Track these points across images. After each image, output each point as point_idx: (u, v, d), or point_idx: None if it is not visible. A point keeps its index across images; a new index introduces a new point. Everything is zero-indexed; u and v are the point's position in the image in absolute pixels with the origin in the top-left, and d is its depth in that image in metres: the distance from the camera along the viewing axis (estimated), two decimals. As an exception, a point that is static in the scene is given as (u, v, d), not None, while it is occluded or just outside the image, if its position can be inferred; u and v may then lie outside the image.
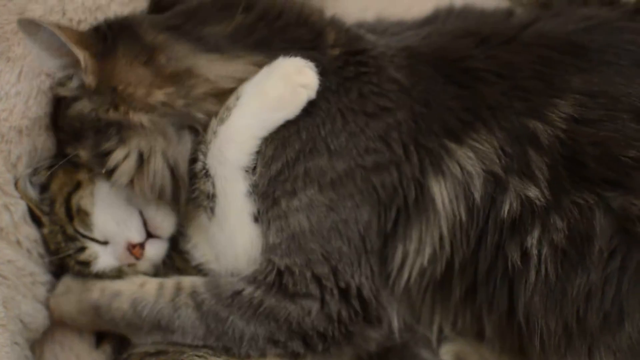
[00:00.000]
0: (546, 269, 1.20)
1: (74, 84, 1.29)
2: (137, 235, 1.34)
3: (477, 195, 1.23)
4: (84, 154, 1.30)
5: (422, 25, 1.41)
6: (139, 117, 1.25)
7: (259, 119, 1.25)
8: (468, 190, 1.23)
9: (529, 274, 1.21)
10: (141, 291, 1.30)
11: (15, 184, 1.37)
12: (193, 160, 1.29)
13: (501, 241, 1.22)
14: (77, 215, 1.35)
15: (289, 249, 1.25)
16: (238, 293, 1.26)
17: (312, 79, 1.24)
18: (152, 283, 1.31)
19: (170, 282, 1.31)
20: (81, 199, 1.35)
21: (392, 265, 1.27)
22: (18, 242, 1.37)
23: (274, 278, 1.25)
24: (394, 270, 1.28)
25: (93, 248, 1.36)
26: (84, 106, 1.28)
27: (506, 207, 1.22)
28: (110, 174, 1.28)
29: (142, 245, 1.34)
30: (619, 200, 1.18)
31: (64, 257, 1.37)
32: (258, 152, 1.26)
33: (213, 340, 1.27)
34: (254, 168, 1.26)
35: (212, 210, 1.30)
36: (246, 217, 1.27)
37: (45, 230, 1.39)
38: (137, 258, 1.34)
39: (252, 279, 1.27)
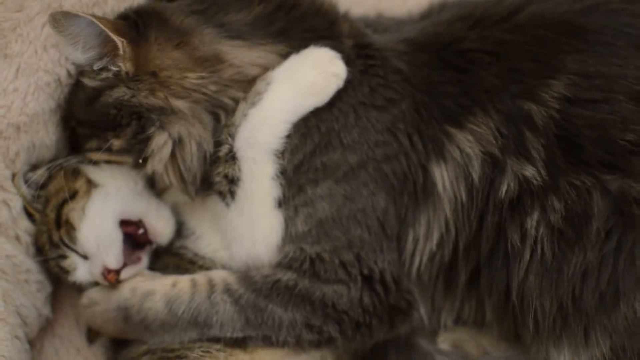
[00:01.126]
0: (542, 248, 1.21)
1: (105, 74, 1.29)
2: (114, 262, 1.34)
3: (475, 176, 1.25)
4: (118, 142, 1.30)
5: (419, 20, 1.43)
6: (178, 103, 1.27)
7: (292, 104, 1.28)
8: (467, 171, 1.25)
9: (524, 253, 1.22)
10: (175, 290, 1.31)
11: (12, 179, 1.38)
12: (219, 143, 1.30)
13: (501, 222, 1.24)
14: (64, 225, 1.36)
15: (318, 236, 1.27)
16: (277, 281, 1.28)
17: (342, 68, 1.28)
18: (185, 281, 1.32)
19: (201, 278, 1.32)
20: (71, 211, 1.35)
21: (405, 251, 1.29)
22: (17, 238, 1.38)
23: (308, 265, 1.27)
24: (406, 256, 1.30)
25: (73, 259, 1.37)
26: (122, 93, 1.28)
27: (504, 188, 1.23)
28: (144, 162, 1.29)
29: (117, 272, 1.34)
30: (617, 183, 1.19)
31: (47, 258, 1.38)
32: (288, 137, 1.28)
33: (252, 330, 1.29)
34: (282, 152, 1.28)
35: (233, 194, 1.31)
36: (270, 201, 1.29)
37: (35, 229, 1.40)
38: (111, 283, 1.34)
39: (288, 266, 1.28)
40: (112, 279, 1.33)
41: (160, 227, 1.37)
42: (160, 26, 1.29)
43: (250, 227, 1.31)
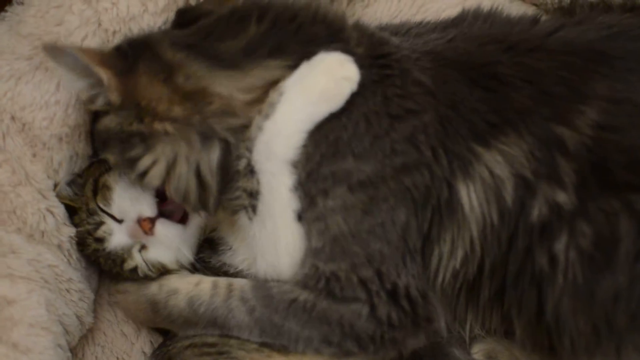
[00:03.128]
0: (574, 273, 1.21)
1: (100, 101, 1.32)
2: (147, 209, 1.38)
3: (509, 199, 1.23)
4: (112, 160, 1.35)
5: (447, 27, 1.40)
6: (164, 126, 1.28)
7: (305, 112, 1.27)
8: (499, 194, 1.24)
9: (557, 277, 1.22)
10: (197, 289, 1.34)
11: (54, 188, 1.42)
12: (237, 157, 1.30)
13: (531, 245, 1.23)
14: (100, 190, 1.40)
15: (333, 253, 1.26)
16: (294, 301, 1.28)
17: (354, 71, 1.26)
18: (207, 282, 1.35)
19: (223, 282, 1.34)
20: (108, 177, 1.40)
21: (430, 267, 1.28)
22: (59, 246, 1.41)
23: (324, 284, 1.27)
24: (431, 272, 1.29)
25: (109, 224, 1.40)
26: (110, 120, 1.31)
27: (535, 212, 1.22)
28: (141, 177, 1.31)
29: (152, 221, 1.38)
30: None
31: (84, 235, 1.41)
32: (304, 147, 1.27)
33: (269, 339, 1.30)
34: (299, 163, 1.27)
35: (255, 208, 1.31)
36: (290, 214, 1.28)
37: (77, 218, 1.44)
38: (146, 232, 1.37)
39: (304, 285, 1.28)
40: (147, 226, 1.37)
41: None
42: (150, 58, 1.30)
43: (273, 241, 1.31)
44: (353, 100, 1.27)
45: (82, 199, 1.43)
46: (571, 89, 1.24)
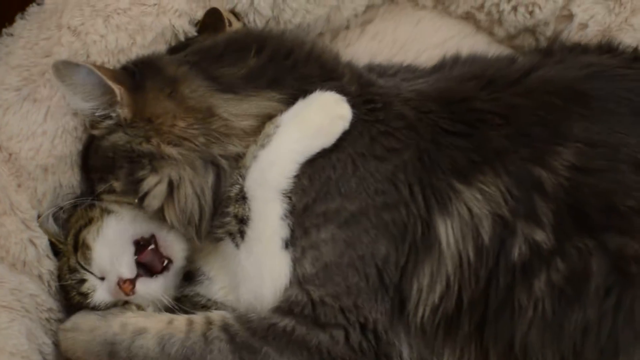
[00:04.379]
0: (543, 305, 1.24)
1: (108, 122, 1.34)
2: (126, 271, 1.36)
3: (486, 237, 1.26)
4: (117, 184, 1.34)
5: (431, 73, 1.45)
6: (170, 150, 1.31)
7: (301, 145, 1.31)
8: (476, 231, 1.26)
9: (528, 309, 1.25)
10: (170, 327, 1.31)
11: (37, 219, 1.42)
12: (231, 184, 1.33)
13: (513, 283, 1.25)
14: (80, 248, 1.39)
15: (324, 280, 1.29)
16: (273, 325, 1.29)
17: (347, 111, 1.31)
18: (181, 320, 1.32)
19: (199, 317, 1.33)
20: (88, 234, 1.39)
21: (410, 300, 1.30)
22: (40, 276, 1.42)
23: (310, 309, 1.29)
24: (411, 306, 1.30)
25: (92, 281, 1.39)
26: (119, 138, 1.33)
27: (516, 251, 1.25)
28: (141, 200, 1.33)
29: (132, 282, 1.36)
30: (615, 241, 1.21)
31: (67, 286, 1.41)
32: (296, 177, 1.31)
33: None
34: (291, 193, 1.30)
35: (243, 234, 1.33)
36: (278, 241, 1.30)
37: (59, 261, 1.44)
38: (126, 294, 1.36)
39: (288, 311, 1.29)
40: (127, 289, 1.35)
41: (171, 240, 1.40)
42: (155, 75, 1.35)
43: (259, 267, 1.32)
44: (344, 137, 1.31)
45: (64, 247, 1.43)
46: (549, 130, 1.27)
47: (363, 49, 1.62)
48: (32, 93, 1.40)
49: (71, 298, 1.42)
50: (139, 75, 1.35)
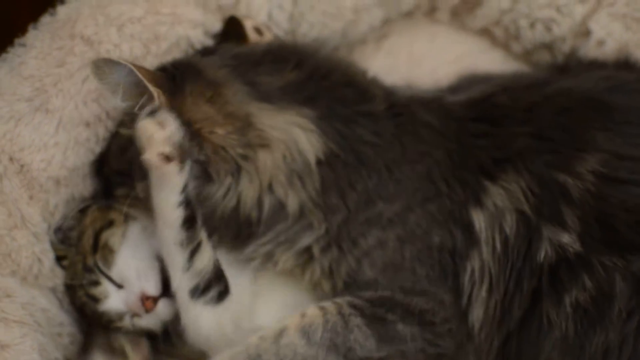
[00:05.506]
0: (566, 325, 1.22)
1: None
2: (154, 289, 1.34)
3: (508, 231, 1.26)
4: (141, 189, 1.31)
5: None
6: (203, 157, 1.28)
7: None
8: (501, 225, 1.26)
9: (554, 329, 1.23)
10: (306, 318, 1.26)
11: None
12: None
13: (539, 290, 1.24)
14: (101, 249, 1.37)
15: (390, 280, 1.28)
16: (383, 296, 1.28)
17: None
18: (312, 308, 1.27)
19: (326, 302, 1.29)
20: (112, 235, 1.37)
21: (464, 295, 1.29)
22: (53, 289, 1.40)
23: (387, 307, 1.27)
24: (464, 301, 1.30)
25: (106, 286, 1.37)
26: None
27: (542, 253, 1.24)
28: None
29: (155, 300, 1.35)
30: (639, 263, 1.20)
31: (76, 287, 1.38)
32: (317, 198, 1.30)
33: (386, 346, 1.26)
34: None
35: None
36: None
37: (66, 262, 1.41)
38: (147, 310, 1.35)
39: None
40: (149, 305, 1.33)
41: None
42: (195, 79, 1.31)
43: None
44: (373, 151, 1.31)
45: (73, 249, 1.40)
46: (570, 135, 1.27)
47: (379, 64, 1.61)
48: (44, 104, 1.38)
49: (77, 298, 1.40)
50: (179, 78, 1.31)
